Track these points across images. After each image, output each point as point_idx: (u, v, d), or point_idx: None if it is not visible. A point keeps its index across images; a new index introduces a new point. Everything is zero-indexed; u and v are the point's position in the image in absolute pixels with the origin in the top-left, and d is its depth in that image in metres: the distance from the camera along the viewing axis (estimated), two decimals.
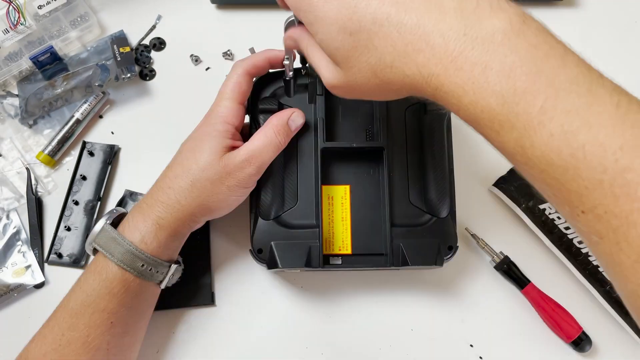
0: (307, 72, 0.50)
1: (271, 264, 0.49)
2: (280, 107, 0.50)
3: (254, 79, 0.50)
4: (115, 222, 0.48)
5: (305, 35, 0.38)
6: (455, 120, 0.53)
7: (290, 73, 0.49)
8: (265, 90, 0.51)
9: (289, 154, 0.51)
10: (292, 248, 0.48)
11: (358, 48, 0.32)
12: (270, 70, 0.51)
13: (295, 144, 0.51)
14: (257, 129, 0.48)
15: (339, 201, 0.51)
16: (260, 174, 0.48)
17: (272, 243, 0.49)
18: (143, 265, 0.46)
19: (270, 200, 0.50)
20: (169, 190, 0.47)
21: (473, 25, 0.29)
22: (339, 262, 0.50)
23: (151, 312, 0.50)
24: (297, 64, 0.48)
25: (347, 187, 0.52)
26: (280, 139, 0.47)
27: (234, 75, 0.49)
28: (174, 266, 0.49)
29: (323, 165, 0.50)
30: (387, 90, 0.34)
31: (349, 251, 0.50)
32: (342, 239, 0.51)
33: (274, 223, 0.50)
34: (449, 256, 0.50)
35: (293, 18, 0.39)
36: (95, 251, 0.48)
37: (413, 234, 0.50)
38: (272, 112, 0.50)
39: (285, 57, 0.46)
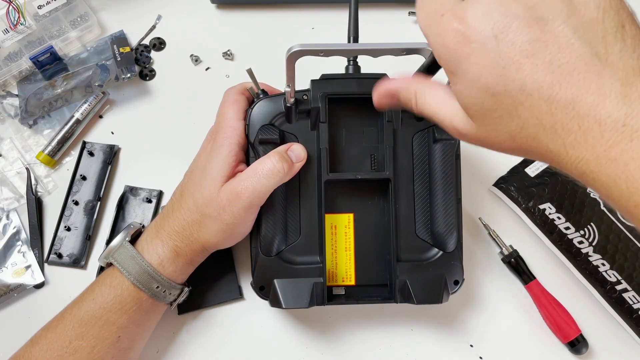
0: (308, 98, 0.48)
1: (274, 302, 0.48)
2: (282, 135, 0.48)
3: (254, 104, 0.49)
4: (132, 238, 0.48)
5: (418, 83, 0.34)
6: None
7: (292, 99, 0.47)
8: (265, 117, 0.48)
9: (291, 185, 0.48)
10: (296, 286, 0.47)
11: (498, 111, 0.29)
12: (270, 95, 0.49)
13: (297, 175, 0.48)
14: (256, 159, 0.46)
15: (343, 230, 0.51)
16: (254, 207, 0.46)
17: (275, 281, 0.48)
18: (158, 286, 0.46)
19: (272, 235, 0.48)
20: (184, 222, 0.47)
21: (636, 116, 0.25)
22: (342, 292, 0.50)
23: (154, 328, 0.51)
24: (298, 87, 0.46)
25: (351, 216, 0.51)
26: (276, 165, 0.45)
27: (231, 94, 0.49)
28: (186, 289, 0.50)
29: (326, 196, 0.48)
30: (522, 154, 0.32)
31: (352, 282, 0.50)
32: (345, 270, 0.50)
33: (277, 259, 0.48)
34: (454, 291, 0.49)
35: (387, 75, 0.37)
36: (108, 264, 0.48)
37: (419, 269, 0.48)
38: (273, 142, 0.47)
39: (287, 84, 0.44)
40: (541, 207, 0.56)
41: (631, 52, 0.26)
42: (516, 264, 0.56)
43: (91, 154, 0.58)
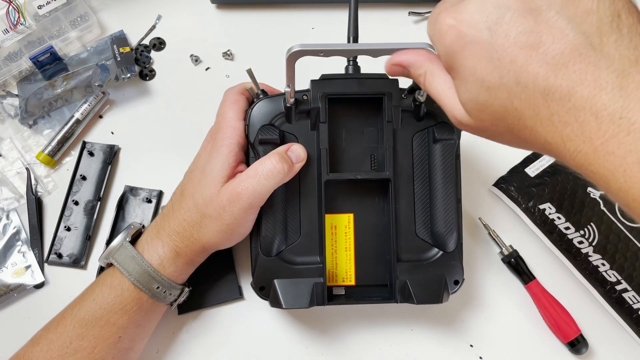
0: (308, 98, 0.48)
1: (274, 302, 0.48)
2: (282, 135, 0.48)
3: (254, 104, 0.49)
4: (132, 239, 0.48)
5: (429, 63, 0.34)
6: None
7: (292, 99, 0.46)
8: (265, 117, 0.48)
9: (291, 185, 0.48)
10: (296, 286, 0.47)
11: (494, 106, 0.29)
12: (270, 95, 0.49)
13: (297, 175, 0.48)
14: (256, 159, 0.46)
15: (343, 230, 0.50)
16: (254, 207, 0.46)
17: (275, 281, 0.47)
18: (158, 287, 0.47)
19: (272, 235, 0.48)
20: (184, 222, 0.47)
21: (632, 108, 0.25)
22: (342, 292, 0.50)
23: (154, 328, 0.51)
24: (298, 87, 0.46)
25: (351, 216, 0.50)
26: (276, 165, 0.45)
27: (231, 94, 0.49)
28: (186, 289, 0.50)
29: (326, 196, 0.48)
30: (521, 146, 0.31)
31: (352, 282, 0.50)
32: (345, 270, 0.50)
33: (277, 259, 0.48)
34: (454, 291, 0.49)
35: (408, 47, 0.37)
36: (108, 264, 0.48)
37: (419, 269, 0.48)
38: (273, 142, 0.47)
39: (287, 84, 0.44)
40: (541, 207, 0.56)
41: (627, 42, 0.26)
42: (516, 264, 0.56)
43: (91, 154, 0.58)
